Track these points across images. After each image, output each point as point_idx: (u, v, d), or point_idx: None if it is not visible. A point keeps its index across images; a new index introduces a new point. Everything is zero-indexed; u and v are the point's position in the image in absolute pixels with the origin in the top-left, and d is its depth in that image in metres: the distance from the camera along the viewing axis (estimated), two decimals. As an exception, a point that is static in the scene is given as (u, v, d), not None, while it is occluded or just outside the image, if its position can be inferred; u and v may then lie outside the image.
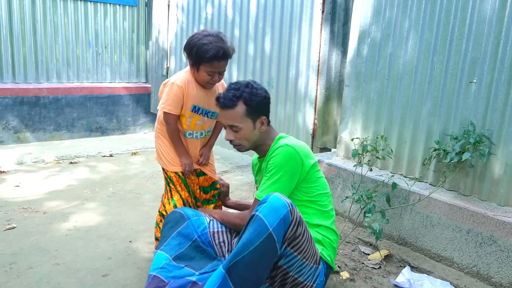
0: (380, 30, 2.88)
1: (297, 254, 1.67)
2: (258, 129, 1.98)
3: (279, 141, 1.93)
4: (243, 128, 1.94)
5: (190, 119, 2.25)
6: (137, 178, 4.00)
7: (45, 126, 5.04)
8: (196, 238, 1.97)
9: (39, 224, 2.87)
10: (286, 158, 1.84)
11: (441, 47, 2.56)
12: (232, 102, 1.90)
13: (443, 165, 2.55)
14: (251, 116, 1.93)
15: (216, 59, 2.07)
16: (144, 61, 5.92)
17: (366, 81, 3.00)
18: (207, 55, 2.05)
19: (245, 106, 1.90)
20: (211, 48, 2.05)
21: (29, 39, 4.93)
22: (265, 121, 1.98)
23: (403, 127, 2.81)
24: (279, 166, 1.84)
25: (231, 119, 1.93)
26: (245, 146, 2.00)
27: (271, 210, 1.58)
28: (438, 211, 2.49)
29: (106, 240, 2.70)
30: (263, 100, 1.94)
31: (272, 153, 1.89)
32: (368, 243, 2.79)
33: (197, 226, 2.01)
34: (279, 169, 1.84)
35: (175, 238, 1.94)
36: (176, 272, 1.77)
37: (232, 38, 4.29)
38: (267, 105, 1.99)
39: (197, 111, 2.24)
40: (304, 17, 3.56)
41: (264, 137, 2.02)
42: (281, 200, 1.62)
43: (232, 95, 1.89)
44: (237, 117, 1.91)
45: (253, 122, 1.95)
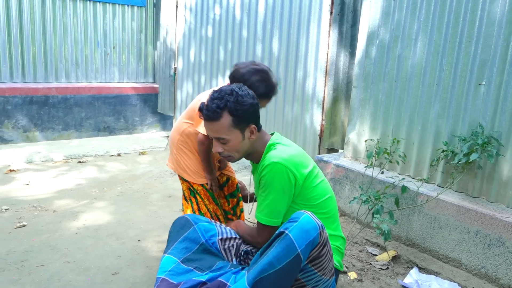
0: (388, 31, 2.89)
1: (317, 271, 1.68)
2: (247, 139, 1.83)
3: (268, 154, 1.81)
4: (231, 140, 1.80)
5: None
6: (145, 177, 4.03)
7: (54, 126, 5.09)
8: (203, 242, 1.98)
9: (49, 223, 2.90)
10: (276, 176, 1.74)
11: (450, 49, 2.57)
12: (216, 114, 1.74)
13: (451, 167, 2.56)
14: (238, 126, 1.78)
15: (266, 97, 2.15)
16: (152, 61, 5.95)
17: (374, 83, 3.01)
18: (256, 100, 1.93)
19: (231, 116, 1.75)
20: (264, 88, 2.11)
21: (38, 39, 4.98)
22: (254, 129, 1.83)
23: (411, 129, 2.81)
24: (270, 185, 1.76)
25: (217, 132, 1.79)
26: (235, 157, 1.87)
27: (302, 231, 1.57)
28: (446, 213, 2.49)
29: (115, 239, 2.72)
30: (249, 108, 1.77)
31: (263, 168, 1.79)
32: (375, 243, 2.80)
33: (205, 232, 2.01)
34: (271, 188, 1.77)
35: (182, 242, 1.95)
36: (185, 275, 1.79)
37: (240, 39, 4.31)
38: (256, 112, 1.83)
39: None
40: (312, 18, 3.57)
41: (255, 145, 1.89)
42: (312, 222, 1.60)
43: (216, 106, 1.74)
44: (223, 129, 1.77)
45: (241, 132, 1.80)
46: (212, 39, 4.67)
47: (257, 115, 1.85)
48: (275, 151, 1.82)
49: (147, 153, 4.91)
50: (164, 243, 2.71)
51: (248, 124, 1.81)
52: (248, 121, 1.80)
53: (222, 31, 4.54)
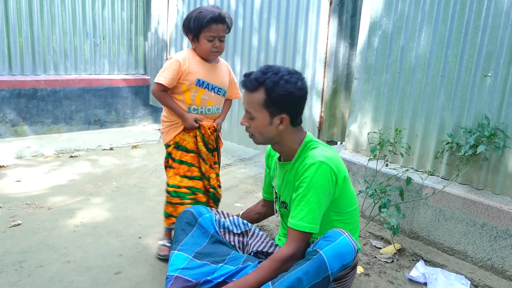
0: (391, 22, 2.85)
1: None
2: (275, 126, 1.72)
3: (311, 153, 1.69)
4: (257, 119, 1.71)
5: (195, 93, 2.29)
6: (140, 172, 3.94)
7: (43, 119, 4.94)
8: (213, 233, 1.94)
9: (45, 221, 2.81)
10: (321, 178, 1.62)
11: (455, 40, 2.54)
12: (251, 84, 1.67)
13: (456, 159, 2.54)
14: (269, 109, 1.68)
15: (214, 21, 2.16)
16: (143, 52, 5.82)
17: (376, 74, 2.97)
18: (204, 19, 2.15)
19: (265, 95, 1.66)
20: (207, 13, 2.17)
21: (25, 30, 4.80)
22: (285, 120, 1.71)
23: (414, 121, 2.79)
24: (314, 187, 1.62)
25: (247, 104, 1.71)
26: (258, 139, 1.78)
27: (337, 254, 1.50)
28: (452, 205, 2.48)
29: (115, 237, 2.65)
30: (287, 96, 1.65)
31: (304, 168, 1.66)
32: (379, 236, 2.78)
33: (212, 222, 1.98)
34: (314, 191, 1.62)
35: (191, 237, 1.90)
36: (199, 270, 1.74)
37: (236, 29, 4.22)
38: (294, 104, 1.71)
39: (202, 85, 2.29)
40: (311, 8, 3.51)
41: (286, 138, 1.77)
42: (350, 245, 1.53)
43: (255, 78, 1.66)
44: (253, 104, 1.69)
45: (270, 116, 1.69)
46: (206, 30, 4.56)
47: (296, 107, 1.73)
48: (318, 151, 1.70)
49: (140, 147, 4.82)
50: (165, 240, 2.66)
51: (281, 112, 1.69)
52: (281, 108, 1.69)
53: (216, 21, 4.44)
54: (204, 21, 2.15)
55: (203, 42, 2.22)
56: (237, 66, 4.27)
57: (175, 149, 2.35)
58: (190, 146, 2.34)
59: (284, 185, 1.86)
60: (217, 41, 2.22)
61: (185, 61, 2.25)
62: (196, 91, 2.29)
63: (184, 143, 2.34)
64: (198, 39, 2.23)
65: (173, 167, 2.36)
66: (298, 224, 1.64)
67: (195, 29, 2.20)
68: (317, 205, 1.63)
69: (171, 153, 2.36)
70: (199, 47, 2.25)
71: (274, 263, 1.63)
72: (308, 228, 1.64)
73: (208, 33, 2.18)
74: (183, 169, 2.35)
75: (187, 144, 2.34)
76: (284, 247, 1.65)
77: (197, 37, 2.23)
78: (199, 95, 2.30)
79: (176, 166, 2.35)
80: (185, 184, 2.34)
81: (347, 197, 1.78)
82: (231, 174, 4.02)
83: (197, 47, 2.26)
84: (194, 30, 2.21)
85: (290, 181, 1.81)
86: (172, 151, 2.36)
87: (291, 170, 1.80)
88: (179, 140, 2.35)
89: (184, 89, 2.28)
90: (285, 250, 1.64)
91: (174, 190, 2.34)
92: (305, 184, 1.64)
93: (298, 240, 1.65)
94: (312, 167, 1.63)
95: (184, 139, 2.34)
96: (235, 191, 3.58)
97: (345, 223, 1.78)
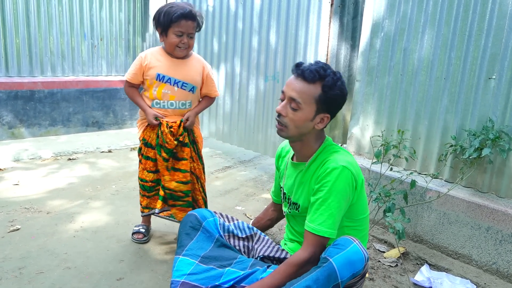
0: (394, 24, 2.83)
1: None
2: (314, 124, 1.67)
3: (333, 157, 1.66)
4: (302, 111, 1.62)
5: (157, 88, 2.34)
6: (139, 174, 3.90)
7: (41, 121, 4.89)
8: (218, 237, 1.91)
9: (44, 225, 2.77)
10: (343, 183, 1.59)
11: (459, 42, 2.52)
12: (312, 75, 1.59)
13: (460, 162, 2.53)
14: (318, 104, 1.62)
15: (183, 17, 2.19)
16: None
17: (378, 76, 2.95)
18: (174, 14, 2.18)
19: (321, 90, 1.61)
20: (178, 9, 2.19)
21: (22, 31, 4.75)
22: (326, 120, 1.68)
23: (417, 123, 2.77)
24: (336, 192, 1.59)
25: (297, 92, 1.61)
26: (288, 132, 1.69)
27: (348, 262, 1.46)
28: (456, 209, 2.47)
29: (116, 241, 2.62)
30: (339, 97, 1.64)
31: (325, 171, 1.61)
32: (382, 240, 2.76)
33: (216, 226, 1.94)
34: (335, 195, 1.59)
35: (196, 242, 1.86)
36: (206, 274, 1.70)
37: (235, 31, 4.20)
38: (339, 107, 1.70)
39: (162, 79, 2.32)
40: (312, 9, 3.49)
41: (311, 137, 1.73)
42: (360, 253, 1.49)
43: (317, 69, 1.60)
44: (305, 95, 1.61)
45: (315, 112, 1.64)
46: (206, 31, 4.54)
47: (338, 111, 1.71)
48: (339, 155, 1.66)
49: (139, 149, 4.78)
50: (166, 244, 2.62)
51: (326, 111, 1.66)
52: (329, 108, 1.65)
53: (216, 22, 4.41)
54: (174, 16, 2.18)
55: (171, 37, 2.24)
56: (237, 67, 4.24)
57: (143, 145, 2.45)
58: (154, 143, 2.41)
59: (297, 185, 1.81)
60: (185, 37, 2.24)
61: (147, 56, 2.30)
62: (158, 85, 2.33)
63: (150, 140, 2.42)
64: (167, 34, 2.25)
65: (141, 162, 2.48)
66: (317, 228, 1.60)
67: (164, 23, 2.23)
68: (337, 210, 1.60)
69: (141, 149, 2.47)
70: (166, 42, 2.28)
71: (290, 268, 1.58)
72: (327, 233, 1.60)
73: (177, 28, 2.21)
74: (149, 165, 2.46)
75: (152, 141, 2.41)
76: (301, 251, 1.61)
77: (165, 31, 2.25)
78: (160, 89, 2.34)
79: (143, 161, 2.47)
80: (151, 178, 2.48)
81: (361, 203, 1.75)
82: (231, 177, 3.99)
83: (165, 42, 2.29)
84: (163, 24, 2.23)
85: (304, 182, 1.76)
86: (142, 147, 2.46)
87: (306, 171, 1.76)
88: (146, 137, 2.43)
89: (147, 84, 2.35)
90: (301, 254, 1.60)
91: (142, 184, 2.52)
92: (326, 188, 1.60)
93: (316, 244, 1.61)
94: (334, 171, 1.59)
95: (150, 136, 2.42)
96: (236, 194, 3.55)
97: (356, 230, 1.76)
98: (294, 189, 1.83)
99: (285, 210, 1.94)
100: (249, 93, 4.16)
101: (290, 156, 1.90)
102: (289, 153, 1.93)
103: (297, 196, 1.82)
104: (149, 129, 2.42)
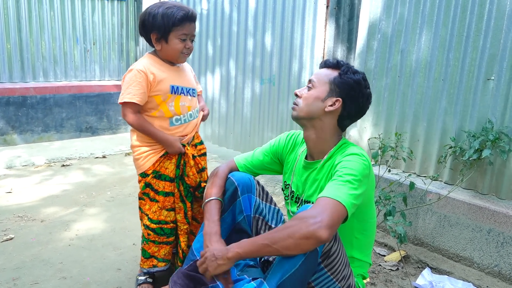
0: (391, 25, 2.81)
1: (329, 274, 1.49)
2: (325, 105, 1.62)
3: (350, 148, 1.62)
4: (315, 89, 1.64)
5: (173, 103, 2.00)
6: (134, 180, 3.85)
7: (33, 127, 4.82)
8: (245, 216, 1.79)
9: (39, 234, 2.71)
10: (363, 167, 1.51)
11: (457, 44, 2.51)
12: (333, 62, 1.68)
13: (460, 163, 2.51)
14: (332, 86, 1.63)
15: (187, 19, 1.91)
16: (134, 57, 5.72)
17: (376, 78, 2.93)
18: (177, 16, 1.88)
19: (338, 74, 1.64)
20: (178, 9, 1.89)
21: (13, 36, 4.69)
22: (337, 104, 1.62)
23: (416, 125, 2.75)
24: (355, 170, 1.48)
25: (316, 74, 1.69)
26: (299, 110, 1.66)
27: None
28: (457, 211, 2.45)
29: (112, 249, 2.57)
30: (353, 83, 1.62)
31: (343, 156, 1.57)
32: (382, 243, 2.74)
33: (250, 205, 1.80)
34: (354, 175, 1.47)
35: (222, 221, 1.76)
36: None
37: (230, 34, 4.16)
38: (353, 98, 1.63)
39: (177, 91, 2.01)
40: (307, 12, 3.46)
41: (325, 128, 1.66)
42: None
43: (338, 60, 1.70)
44: (322, 76, 1.66)
45: (327, 93, 1.63)
46: (200, 34, 4.50)
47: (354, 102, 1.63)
48: (357, 148, 1.62)
49: (133, 154, 4.72)
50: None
51: (339, 96, 1.63)
52: (342, 92, 1.62)
53: (210, 25, 4.38)
54: (177, 18, 1.88)
55: (174, 42, 1.92)
56: (232, 71, 4.21)
57: (156, 178, 2.03)
58: (172, 174, 2.04)
59: (310, 183, 1.71)
60: (189, 41, 1.96)
61: (147, 69, 1.93)
62: (173, 99, 2.00)
63: (167, 172, 2.03)
64: (167, 39, 1.92)
65: (157, 200, 2.04)
66: (332, 194, 1.40)
67: (164, 26, 1.89)
68: (356, 190, 1.45)
69: (151, 184, 2.03)
70: (167, 48, 1.94)
71: (292, 221, 1.37)
72: (344, 201, 1.39)
73: (181, 32, 1.91)
74: (168, 202, 2.06)
75: (170, 173, 2.03)
76: (310, 208, 1.40)
77: (165, 36, 1.91)
78: (177, 102, 2.01)
79: (161, 199, 2.04)
80: (172, 218, 2.08)
81: (371, 205, 1.69)
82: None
83: (163, 49, 1.95)
84: (162, 28, 1.89)
85: (319, 180, 1.68)
86: (152, 181, 2.03)
87: (320, 169, 1.68)
88: (159, 169, 2.03)
89: (158, 101, 1.97)
90: (309, 210, 1.38)
91: (160, 227, 2.06)
92: (345, 169, 1.50)
93: (329, 207, 1.37)
94: (353, 155, 1.55)
95: (166, 166, 2.03)
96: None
97: (364, 234, 1.68)
98: (307, 187, 1.73)
99: (293, 210, 1.79)
100: (245, 96, 4.12)
101: (302, 153, 1.80)
102: (302, 147, 1.82)
103: (309, 193, 1.71)
104: (163, 158, 2.03)
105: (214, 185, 1.81)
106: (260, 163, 1.92)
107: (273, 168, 1.94)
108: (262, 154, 1.93)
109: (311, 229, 1.32)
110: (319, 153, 1.70)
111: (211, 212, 1.72)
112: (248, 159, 1.94)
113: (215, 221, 1.68)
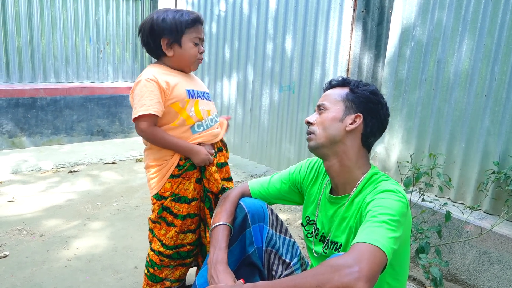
0: (426, 32, 2.51)
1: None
2: (345, 125, 1.43)
3: (383, 183, 1.38)
4: (329, 110, 1.46)
5: (192, 107, 1.82)
6: (143, 190, 3.64)
7: (42, 130, 4.66)
8: (256, 249, 1.60)
9: (35, 252, 2.51)
10: (400, 205, 1.28)
11: (504, 55, 2.19)
12: (337, 80, 1.54)
13: (503, 192, 2.20)
14: (347, 102, 1.46)
15: (199, 21, 1.81)
16: (149, 58, 5.53)
17: (407, 91, 2.63)
18: (189, 18, 1.78)
19: (348, 89, 1.48)
20: (188, 12, 1.80)
21: (24, 35, 4.54)
22: (359, 119, 1.43)
23: (452, 145, 2.45)
24: (396, 214, 1.25)
25: (324, 97, 1.51)
26: (317, 137, 1.46)
27: None
28: (499, 247, 2.14)
29: (111, 273, 2.35)
30: (369, 95, 1.46)
31: (376, 193, 1.34)
32: (411, 277, 2.45)
33: (261, 236, 1.61)
34: (395, 219, 1.24)
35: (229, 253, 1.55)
36: None
37: (248, 37, 3.91)
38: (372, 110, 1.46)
39: (194, 95, 1.84)
40: (332, 14, 3.18)
41: (349, 153, 1.45)
42: None
43: (343, 77, 1.55)
44: (331, 96, 1.49)
45: (344, 111, 1.45)
46: (217, 37, 4.26)
47: (374, 116, 1.46)
48: (390, 183, 1.38)
49: (144, 160, 4.52)
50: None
51: (357, 111, 1.45)
52: (359, 107, 1.45)
53: (228, 28, 4.13)
54: (190, 19, 1.76)
55: (188, 46, 1.78)
56: (250, 76, 3.95)
57: (175, 202, 1.85)
58: (192, 195, 1.86)
59: (338, 221, 1.47)
60: (201, 45, 1.84)
61: (159, 77, 1.75)
62: (192, 103, 1.82)
63: (186, 193, 1.85)
64: (181, 43, 1.77)
65: (175, 225, 1.86)
66: (368, 238, 1.19)
67: (177, 30, 1.75)
68: (394, 232, 1.22)
69: (170, 208, 1.85)
70: (181, 54, 1.79)
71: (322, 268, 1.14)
72: (383, 245, 1.16)
73: (194, 34, 1.78)
74: (185, 224, 1.89)
75: (189, 194, 1.86)
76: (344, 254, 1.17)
77: (178, 40, 1.77)
78: (196, 107, 1.83)
79: (178, 223, 1.86)
80: (189, 240, 1.91)
81: (406, 248, 1.40)
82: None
83: (176, 55, 1.79)
84: (175, 31, 1.75)
85: (348, 218, 1.43)
86: (170, 205, 1.85)
87: (349, 206, 1.43)
88: (179, 191, 1.84)
89: (177, 109, 1.79)
90: (344, 257, 1.14)
91: (176, 252, 1.90)
92: (380, 208, 1.27)
93: (367, 253, 1.14)
94: (388, 193, 1.31)
95: (186, 187, 1.85)
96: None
97: (397, 279, 1.40)
98: (334, 226, 1.49)
99: (318, 250, 1.56)
100: (262, 104, 3.87)
101: (327, 185, 1.56)
102: (327, 177, 1.58)
103: (337, 233, 1.47)
104: (181, 179, 1.85)
105: (224, 210, 1.62)
106: (277, 192, 1.72)
107: (291, 198, 1.73)
108: (280, 182, 1.71)
109: (345, 280, 1.08)
110: (345, 185, 1.47)
111: (217, 238, 1.53)
112: (264, 185, 1.74)
113: (222, 248, 1.49)
